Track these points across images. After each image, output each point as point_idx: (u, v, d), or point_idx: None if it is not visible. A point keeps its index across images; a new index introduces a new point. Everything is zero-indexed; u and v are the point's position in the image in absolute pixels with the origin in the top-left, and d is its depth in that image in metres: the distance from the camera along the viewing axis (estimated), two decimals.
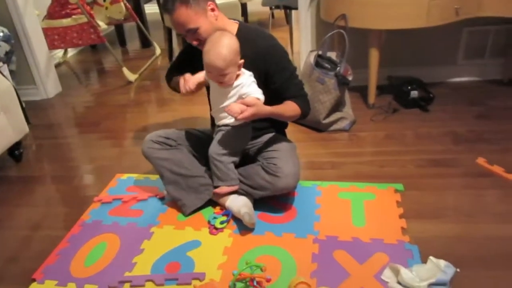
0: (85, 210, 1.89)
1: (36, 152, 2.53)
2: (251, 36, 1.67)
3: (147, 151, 1.77)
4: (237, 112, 1.48)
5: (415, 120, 2.41)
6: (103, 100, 3.17)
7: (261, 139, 1.81)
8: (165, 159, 1.75)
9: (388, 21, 2.25)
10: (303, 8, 2.78)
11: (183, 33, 1.59)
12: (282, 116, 1.67)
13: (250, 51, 1.62)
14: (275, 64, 1.65)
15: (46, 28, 3.32)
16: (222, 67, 1.50)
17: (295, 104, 1.68)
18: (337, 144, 2.25)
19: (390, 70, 2.79)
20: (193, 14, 1.54)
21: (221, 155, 1.65)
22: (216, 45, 1.50)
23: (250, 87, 1.56)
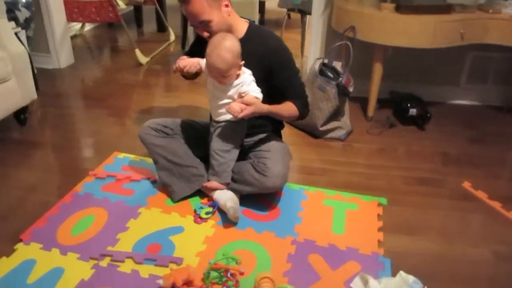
0: (79, 181, 1.92)
1: (41, 118, 2.55)
2: (259, 35, 1.69)
3: (144, 137, 1.79)
4: (237, 111, 1.50)
5: (410, 138, 2.41)
6: (112, 77, 3.19)
7: (256, 137, 1.82)
8: (161, 146, 1.77)
9: (394, 37, 2.25)
10: (316, 14, 2.78)
11: (196, 24, 1.60)
12: (279, 115, 1.70)
13: (257, 49, 1.64)
14: (280, 63, 1.67)
15: (67, 0, 3.33)
16: (224, 69, 1.52)
17: (293, 105, 1.71)
18: (331, 152, 2.26)
19: (393, 85, 2.79)
20: (208, 7, 1.55)
21: (224, 151, 1.68)
22: (218, 47, 1.51)
23: (249, 86, 1.58)
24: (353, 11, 2.35)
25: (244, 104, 1.53)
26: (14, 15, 2.74)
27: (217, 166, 1.69)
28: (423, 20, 2.18)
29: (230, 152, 1.69)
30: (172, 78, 3.18)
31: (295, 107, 1.71)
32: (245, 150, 1.80)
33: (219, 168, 1.69)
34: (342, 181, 2.00)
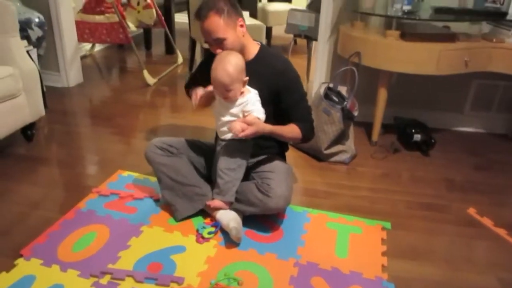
0: (82, 198, 1.92)
1: (47, 135, 2.57)
2: (270, 57, 1.72)
3: (150, 155, 1.80)
4: (239, 130, 1.52)
5: (414, 163, 2.41)
6: (119, 97, 3.23)
7: (261, 157, 1.82)
8: (165, 165, 1.77)
9: (399, 64, 2.28)
10: (322, 40, 2.83)
11: (210, 41, 1.63)
12: (282, 136, 1.71)
13: (267, 70, 1.67)
14: (287, 85, 1.69)
15: (78, 21, 3.41)
16: (227, 83, 1.54)
17: (297, 127, 1.72)
18: (334, 175, 2.25)
19: (397, 110, 2.80)
20: (224, 25, 1.59)
21: (230, 169, 1.68)
22: (223, 62, 1.55)
23: (254, 105, 1.60)
24: (359, 38, 2.39)
25: (246, 123, 1.54)
26: (26, 33, 2.81)
27: (223, 185, 1.69)
28: (428, 47, 2.21)
29: (236, 171, 1.69)
30: (178, 99, 3.22)
31: (298, 130, 1.72)
32: (249, 169, 1.80)
33: (224, 187, 1.69)
34: (346, 204, 1.99)
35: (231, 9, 1.61)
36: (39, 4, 3.05)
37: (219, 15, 1.58)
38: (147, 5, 3.87)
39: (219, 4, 1.59)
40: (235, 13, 1.62)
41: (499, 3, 2.43)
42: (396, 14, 2.32)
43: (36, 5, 3.03)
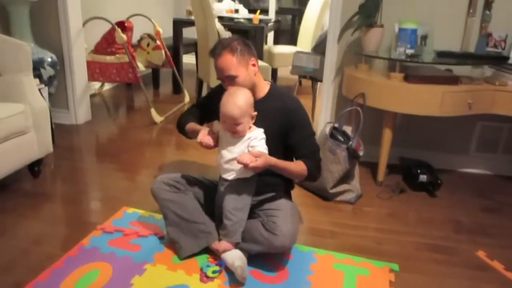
0: (86, 235, 1.91)
1: (54, 171, 2.60)
2: (280, 95, 1.78)
3: (156, 191, 1.81)
4: (248, 160, 1.52)
5: (421, 204, 2.40)
6: (126, 134, 3.28)
7: (266, 195, 1.83)
8: (171, 201, 1.78)
9: (403, 105, 2.32)
10: (327, 81, 2.90)
11: (223, 77, 1.69)
12: (287, 171, 1.70)
13: (277, 107, 1.72)
14: (297, 122, 1.73)
15: (89, 61, 3.52)
16: (237, 116, 1.58)
17: (303, 164, 1.72)
18: (340, 215, 2.24)
19: (402, 151, 2.82)
20: (236, 63, 1.65)
21: (237, 209, 1.68)
22: (232, 96, 1.60)
23: (260, 142, 1.63)
24: (363, 79, 2.45)
25: (253, 156, 1.56)
26: (39, 72, 2.90)
27: (231, 226, 1.68)
28: (431, 89, 2.26)
29: (243, 211, 1.70)
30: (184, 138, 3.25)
31: (304, 166, 1.73)
32: (254, 208, 1.80)
33: (232, 228, 1.68)
34: (352, 244, 1.97)
35: (244, 49, 1.68)
36: (53, 44, 3.17)
37: (232, 54, 1.65)
38: (156, 46, 4.01)
39: (233, 44, 1.66)
40: (248, 52, 1.69)
41: (501, 48, 2.51)
42: (400, 57, 2.38)
43: (50, 45, 3.15)
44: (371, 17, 2.51)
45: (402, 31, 2.43)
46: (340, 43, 2.78)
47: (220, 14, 4.29)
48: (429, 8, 2.59)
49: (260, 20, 4.18)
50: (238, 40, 1.69)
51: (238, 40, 1.69)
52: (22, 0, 2.90)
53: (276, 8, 5.91)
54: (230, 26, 4.02)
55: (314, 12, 4.73)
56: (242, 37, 1.74)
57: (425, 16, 2.58)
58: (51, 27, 3.15)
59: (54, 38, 3.18)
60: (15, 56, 2.30)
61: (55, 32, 3.16)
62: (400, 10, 2.60)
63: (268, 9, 5.83)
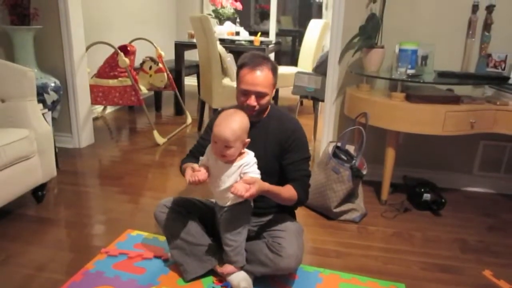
0: (91, 259, 1.93)
1: (57, 196, 2.62)
2: (280, 116, 1.81)
3: (159, 215, 1.82)
4: (243, 191, 1.50)
5: (426, 223, 2.41)
6: (129, 157, 3.32)
7: (270, 217, 1.85)
8: (174, 224, 1.80)
9: (405, 124, 2.36)
10: (329, 101, 2.95)
11: (252, 91, 1.67)
12: (278, 196, 1.69)
13: (277, 127, 1.76)
14: (294, 144, 1.76)
15: (92, 85, 3.59)
16: (229, 139, 1.55)
17: (293, 190, 1.73)
18: (345, 234, 2.25)
19: (406, 170, 2.85)
20: (270, 83, 1.70)
21: (235, 234, 1.69)
22: (229, 118, 1.60)
23: (252, 167, 1.61)
24: (365, 99, 2.50)
25: (247, 183, 1.54)
26: (42, 97, 2.96)
27: (232, 251, 1.70)
28: (433, 109, 2.30)
29: (241, 234, 1.71)
30: None
31: (294, 192, 1.73)
32: (260, 230, 1.82)
33: (233, 253, 1.69)
34: (358, 264, 1.98)
35: (276, 70, 1.73)
36: (56, 69, 3.25)
37: (273, 73, 1.70)
38: (158, 69, 4.09)
39: (273, 63, 1.71)
40: (277, 75, 1.74)
41: (501, 68, 2.57)
42: (401, 77, 2.43)
43: (53, 70, 3.23)
44: (372, 39, 2.57)
45: (402, 52, 2.48)
46: (341, 64, 2.84)
47: (222, 36, 4.39)
48: (429, 29, 2.66)
49: (261, 42, 4.28)
50: (273, 61, 1.73)
51: (273, 61, 1.73)
52: (26, 28, 2.98)
53: (277, 30, 6.03)
54: (231, 48, 4.11)
55: (314, 34, 4.83)
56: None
57: (425, 37, 2.64)
58: (54, 53, 3.23)
59: (57, 63, 3.25)
60: (19, 82, 2.35)
61: (58, 58, 3.24)
62: (400, 31, 2.67)
63: (268, 31, 5.95)
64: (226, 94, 3.59)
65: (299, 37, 6.38)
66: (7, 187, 2.16)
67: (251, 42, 4.30)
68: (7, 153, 2.13)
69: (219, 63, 3.54)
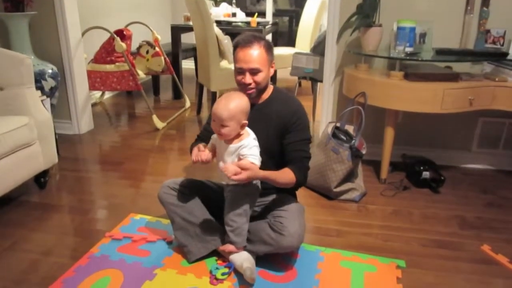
0: (95, 243, 1.96)
1: (59, 182, 2.65)
2: (283, 97, 1.84)
3: (163, 196, 1.85)
4: (231, 172, 1.53)
5: (425, 200, 2.44)
6: (129, 142, 3.33)
7: (271, 197, 1.88)
8: (178, 205, 1.83)
9: (404, 103, 2.37)
10: (327, 82, 2.95)
11: (246, 69, 1.71)
12: (276, 182, 1.71)
13: (279, 109, 1.78)
14: (296, 124, 1.78)
15: (90, 71, 3.58)
16: (224, 117, 1.59)
17: (292, 173, 1.75)
18: (345, 214, 2.29)
19: (405, 148, 2.87)
20: (265, 60, 1.73)
21: (236, 215, 1.72)
22: (227, 97, 1.64)
23: (250, 150, 1.62)
24: (364, 79, 2.51)
25: (240, 167, 1.55)
26: (40, 84, 2.96)
27: (232, 232, 1.72)
28: (432, 87, 2.31)
29: (242, 216, 1.73)
30: (187, 142, 3.31)
31: (293, 175, 1.74)
32: (262, 211, 1.85)
33: (233, 233, 1.72)
34: (358, 242, 2.02)
35: (271, 49, 1.76)
36: (53, 56, 3.23)
37: (265, 49, 1.72)
38: (155, 53, 4.07)
39: (266, 40, 1.75)
40: (272, 54, 1.77)
41: (499, 44, 2.56)
42: (399, 55, 2.43)
43: (50, 57, 3.22)
44: (369, 17, 2.56)
45: (400, 30, 2.48)
46: (339, 43, 2.84)
47: (218, 18, 4.36)
48: (427, 6, 2.64)
49: (258, 23, 4.24)
50: (268, 40, 1.77)
51: (268, 41, 1.76)
52: (21, 14, 2.96)
53: (273, 10, 5.98)
54: (228, 30, 4.08)
55: (311, 13, 4.79)
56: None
57: (423, 14, 2.63)
58: (50, 39, 3.22)
59: (53, 49, 3.24)
60: (17, 69, 2.36)
61: (54, 44, 3.23)
62: (398, 9, 2.66)
63: (265, 11, 5.90)
64: (224, 76, 3.59)
65: (296, 17, 6.31)
66: (10, 174, 2.18)
67: (248, 24, 4.27)
68: (9, 141, 2.15)
69: (216, 46, 3.53)
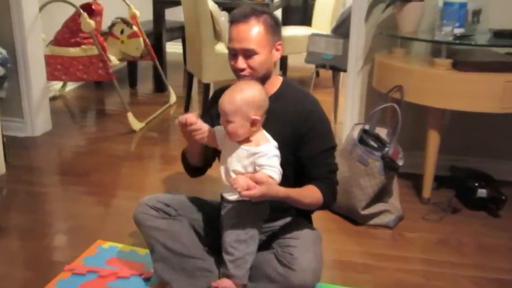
0: (52, 279, 1.94)
1: (7, 198, 2.64)
2: (294, 93, 1.80)
3: (140, 217, 1.83)
4: (242, 186, 1.51)
5: (480, 226, 2.42)
6: (97, 147, 3.32)
7: (280, 222, 1.85)
8: (160, 230, 1.80)
9: (452, 100, 2.35)
10: (353, 71, 2.93)
11: (238, 49, 1.69)
12: (298, 203, 1.70)
13: (290, 109, 1.75)
14: (315, 131, 1.75)
15: (49, 56, 3.58)
16: (226, 111, 1.59)
17: (318, 191, 1.73)
18: (376, 243, 2.27)
19: (454, 159, 2.84)
20: (263, 39, 1.69)
21: (239, 242, 1.69)
22: (236, 87, 1.63)
23: (269, 160, 1.60)
24: (400, 68, 2.49)
25: (254, 181, 1.53)
26: None
27: (231, 263, 1.69)
28: (488, 79, 2.29)
29: (248, 243, 1.70)
30: (171, 148, 3.29)
31: (319, 194, 1.73)
32: (267, 239, 1.82)
33: (233, 265, 1.69)
34: (394, 281, 2.00)
35: (276, 27, 1.72)
36: (2, 37, 3.23)
37: (264, 26, 1.68)
38: (133, 33, 4.06)
39: (267, 15, 1.71)
40: (278, 33, 1.74)
41: None
42: (446, 38, 2.41)
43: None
44: None
45: (448, 6, 2.46)
46: (368, 22, 2.82)
47: None
48: None
49: None
50: (272, 14, 1.74)
51: (272, 15, 1.74)
52: None
53: None
54: (226, 4, 4.08)
55: None
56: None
57: None
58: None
59: (3, 28, 3.23)
60: None
61: (4, 21, 3.22)
62: None
63: None
64: (219, 64, 3.57)
65: None
66: None
67: None
68: None
69: (210, 25, 3.52)
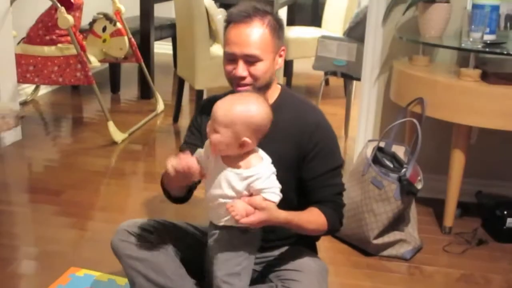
0: None
1: None
2: (295, 105, 1.82)
3: (119, 245, 1.83)
4: (241, 214, 1.51)
5: (510, 262, 2.43)
6: (72, 161, 3.34)
7: (277, 251, 1.87)
8: (141, 260, 1.80)
9: (482, 116, 2.36)
10: (368, 81, 2.96)
11: (239, 54, 1.68)
12: (300, 228, 1.71)
13: (290, 121, 1.76)
14: (320, 148, 1.76)
15: (20, 55, 3.60)
16: (217, 118, 1.56)
17: (322, 215, 1.73)
18: (390, 278, 2.28)
19: (481, 183, 2.86)
20: (268, 44, 1.70)
21: (232, 275, 1.68)
22: (239, 99, 1.60)
23: (265, 182, 1.59)
24: (422, 78, 2.51)
25: (253, 206, 1.53)
26: None
27: None
28: None
29: (241, 276, 1.71)
30: (157, 165, 3.31)
31: (323, 218, 1.73)
32: (264, 269, 1.84)
33: None
34: None
35: (280, 30, 1.73)
36: None
37: (270, 29, 1.70)
38: (116, 31, 4.06)
39: (272, 17, 1.71)
40: (282, 37, 1.75)
41: None
42: (475, 46, 2.43)
43: None
44: None
45: (477, 9, 2.47)
46: (386, 25, 2.85)
47: None
48: None
49: None
50: (275, 15, 1.74)
51: (275, 16, 1.74)
52: None
53: None
54: (223, 0, 4.12)
55: None
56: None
57: None
58: None
59: None
60: None
61: None
62: None
63: None
64: (215, 68, 3.59)
65: None
66: None
67: None
68: None
69: (205, 23, 3.54)
